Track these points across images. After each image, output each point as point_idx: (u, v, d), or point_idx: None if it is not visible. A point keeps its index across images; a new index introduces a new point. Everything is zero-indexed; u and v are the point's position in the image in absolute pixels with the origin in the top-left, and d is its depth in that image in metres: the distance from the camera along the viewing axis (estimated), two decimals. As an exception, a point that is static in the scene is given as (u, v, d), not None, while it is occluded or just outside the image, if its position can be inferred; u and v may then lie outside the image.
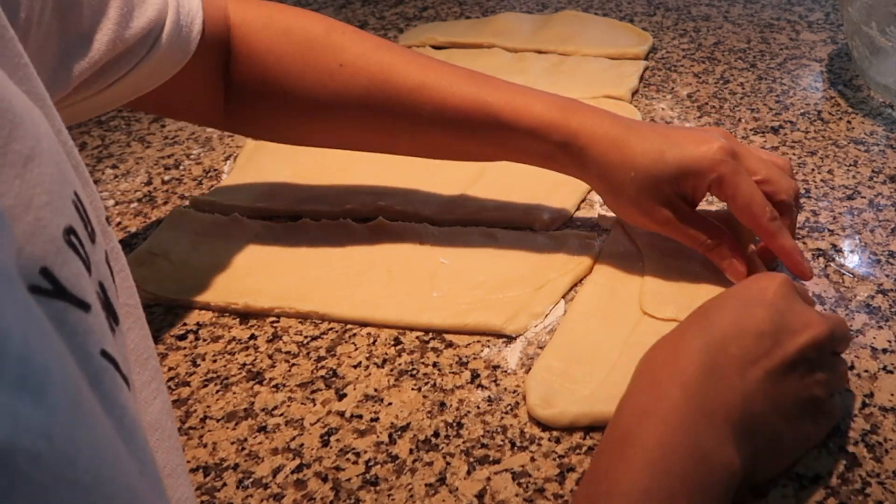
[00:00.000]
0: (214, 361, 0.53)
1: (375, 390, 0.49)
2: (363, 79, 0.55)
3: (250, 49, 0.56)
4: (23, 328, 0.18)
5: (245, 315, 0.56)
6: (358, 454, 0.45)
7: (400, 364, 0.51)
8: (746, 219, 0.51)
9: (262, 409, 0.49)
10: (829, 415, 0.42)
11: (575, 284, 0.56)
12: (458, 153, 0.59)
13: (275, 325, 0.55)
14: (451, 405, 0.48)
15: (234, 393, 0.50)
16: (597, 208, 0.64)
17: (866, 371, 0.48)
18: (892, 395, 0.47)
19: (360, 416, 0.48)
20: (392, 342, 0.53)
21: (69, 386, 0.19)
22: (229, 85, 0.57)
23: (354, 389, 0.50)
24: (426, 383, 0.50)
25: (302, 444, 0.46)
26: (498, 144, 0.56)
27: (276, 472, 0.45)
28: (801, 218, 0.62)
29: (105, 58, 0.46)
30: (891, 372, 0.48)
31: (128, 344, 0.28)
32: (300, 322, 0.55)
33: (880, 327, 0.51)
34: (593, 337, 0.51)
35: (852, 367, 0.49)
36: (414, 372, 0.50)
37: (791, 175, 0.54)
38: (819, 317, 0.41)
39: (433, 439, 0.46)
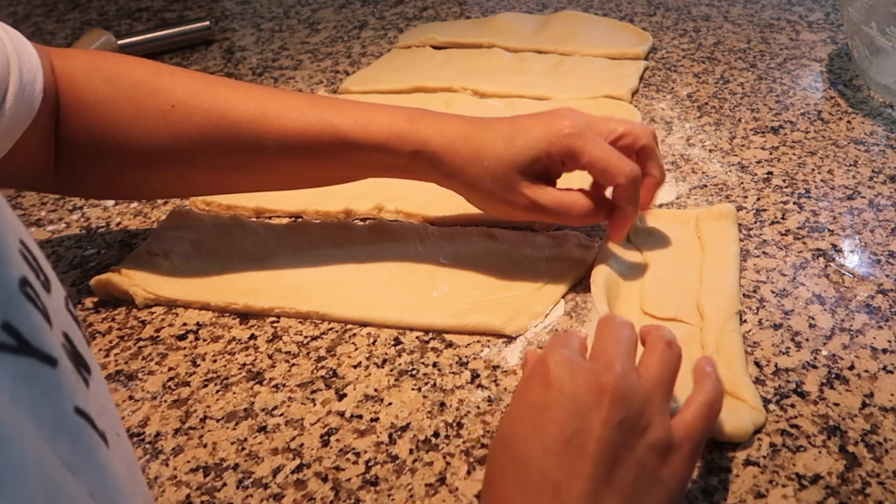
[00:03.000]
0: (214, 361, 0.53)
1: (375, 390, 0.49)
2: (198, 117, 0.54)
3: (77, 100, 0.53)
4: None
5: (245, 315, 0.56)
6: (358, 454, 0.45)
7: (400, 364, 0.51)
8: (605, 179, 0.53)
9: (262, 409, 0.49)
10: (676, 445, 0.37)
11: (575, 284, 0.56)
12: (311, 180, 0.58)
13: (275, 325, 0.55)
14: (451, 405, 0.48)
15: (234, 393, 0.50)
16: (597, 208, 0.64)
17: (866, 371, 0.48)
18: (892, 395, 0.47)
19: (360, 416, 0.48)
20: (392, 342, 0.53)
21: (43, 475, 0.18)
22: (58, 141, 0.54)
23: (354, 389, 0.50)
24: (426, 383, 0.50)
25: (302, 444, 0.46)
26: (350, 164, 0.55)
27: (276, 472, 0.45)
28: (801, 218, 0.62)
29: None
30: (891, 372, 0.48)
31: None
32: (300, 322, 0.55)
33: (880, 327, 0.51)
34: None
35: (852, 367, 0.49)
36: (414, 372, 0.51)
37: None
38: (600, 371, 0.36)
39: (433, 439, 0.46)
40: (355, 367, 0.51)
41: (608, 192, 0.55)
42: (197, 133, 0.54)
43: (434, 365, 0.51)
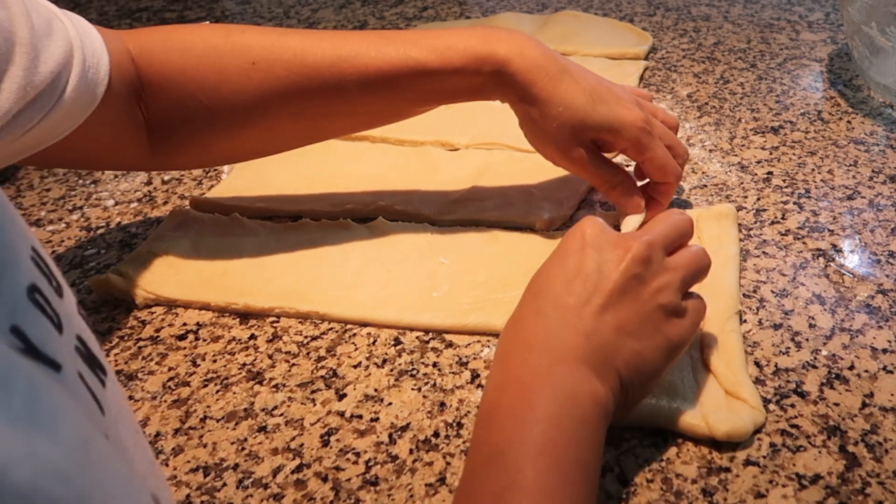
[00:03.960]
0: (214, 361, 0.53)
1: (375, 390, 0.49)
2: (279, 69, 0.55)
3: (158, 75, 0.54)
4: (25, 370, 0.17)
5: (245, 315, 0.56)
6: (358, 454, 0.45)
7: (400, 364, 0.51)
8: (659, 176, 0.57)
9: (262, 409, 0.49)
10: (686, 312, 0.43)
11: (575, 284, 0.56)
12: (392, 115, 0.60)
13: (275, 325, 0.55)
14: (451, 405, 0.48)
15: (234, 393, 0.50)
16: (597, 208, 0.64)
17: (866, 371, 0.48)
18: (892, 395, 0.47)
19: (360, 416, 0.48)
20: (392, 342, 0.53)
21: (78, 424, 0.18)
22: (148, 119, 0.56)
23: (354, 389, 0.50)
24: (426, 383, 0.50)
25: (302, 444, 0.46)
26: (430, 93, 0.57)
27: (276, 472, 0.45)
28: (801, 218, 0.62)
29: (16, 107, 0.43)
30: (891, 372, 0.48)
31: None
32: (300, 322, 0.55)
33: (880, 327, 0.51)
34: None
35: (852, 367, 0.49)
36: (414, 372, 0.50)
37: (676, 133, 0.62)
38: (631, 237, 0.43)
39: (433, 439, 0.46)
40: (355, 367, 0.51)
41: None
42: (281, 85, 0.55)
43: (434, 365, 0.51)
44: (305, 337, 0.54)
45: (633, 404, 0.42)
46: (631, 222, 0.57)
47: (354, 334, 0.54)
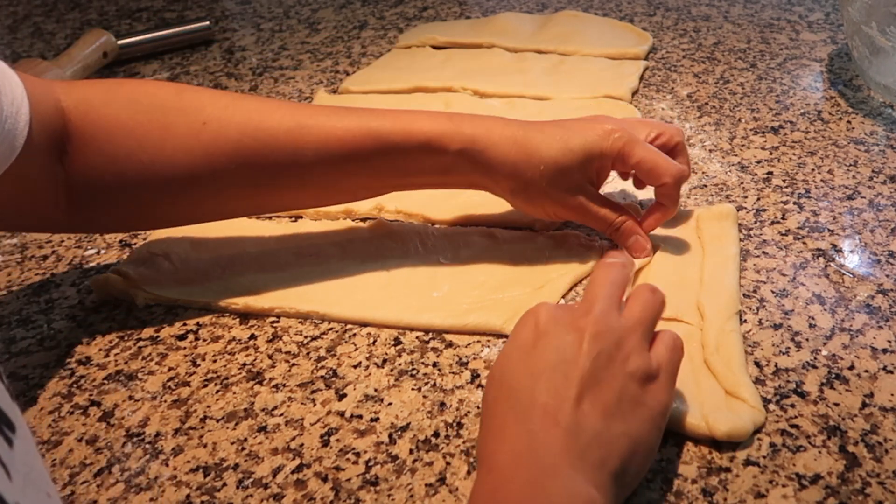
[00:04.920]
0: (214, 361, 0.53)
1: (375, 390, 0.49)
2: (232, 131, 0.51)
3: (96, 127, 0.50)
4: None
5: (245, 315, 0.56)
6: (358, 454, 0.45)
7: (400, 364, 0.51)
8: (653, 180, 0.55)
9: (262, 409, 0.49)
10: (660, 369, 0.41)
11: (575, 284, 0.56)
12: (352, 190, 0.56)
13: (275, 325, 0.55)
14: (451, 405, 0.48)
15: (234, 393, 0.50)
16: (597, 208, 0.64)
17: (866, 371, 0.48)
18: (892, 395, 0.47)
19: (360, 416, 0.48)
20: (392, 342, 0.53)
21: None
22: (71, 176, 0.51)
23: (354, 389, 0.50)
24: (426, 383, 0.50)
25: (302, 444, 0.46)
26: (392, 169, 0.54)
27: (276, 472, 0.45)
28: (801, 218, 0.62)
29: None
30: (891, 372, 0.48)
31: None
32: (300, 322, 0.55)
33: (880, 327, 0.51)
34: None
35: (852, 367, 0.49)
36: (414, 372, 0.50)
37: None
38: (580, 314, 0.41)
39: (433, 439, 0.46)
40: (355, 367, 0.51)
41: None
42: (232, 149, 0.51)
43: (434, 365, 0.51)
44: (305, 337, 0.54)
45: (630, 489, 0.40)
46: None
47: (354, 334, 0.54)
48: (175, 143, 0.51)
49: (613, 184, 0.66)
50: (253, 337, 0.54)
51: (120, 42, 0.96)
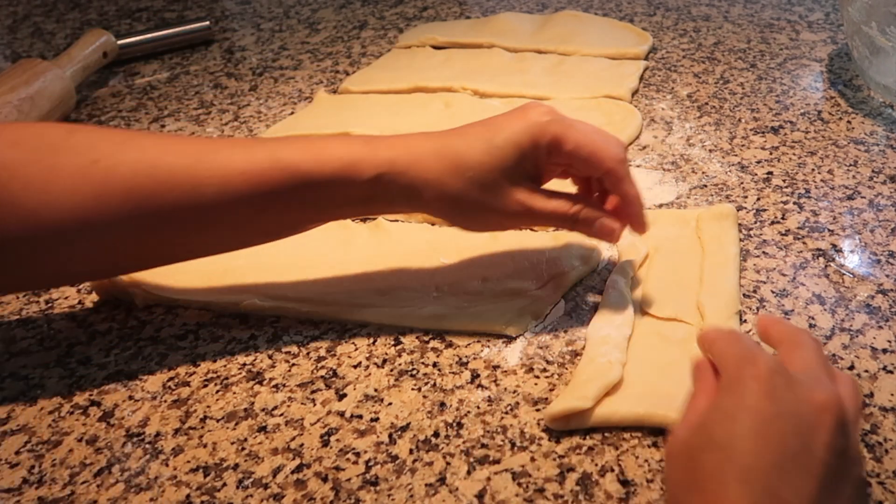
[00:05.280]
0: (214, 361, 0.53)
1: (375, 390, 0.49)
2: (125, 169, 0.46)
3: None
4: None
5: (245, 315, 0.56)
6: (358, 454, 0.45)
7: (400, 364, 0.51)
8: (595, 165, 0.48)
9: (262, 409, 0.49)
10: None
11: (575, 285, 0.56)
12: (259, 231, 0.51)
13: (275, 325, 0.55)
14: (451, 405, 0.48)
15: (234, 393, 0.50)
16: (597, 208, 0.64)
17: (866, 371, 0.48)
18: (892, 395, 0.47)
19: (360, 416, 0.48)
20: (392, 342, 0.53)
21: None
22: None
23: (354, 389, 0.50)
24: (426, 383, 0.50)
25: (302, 444, 0.46)
26: (304, 204, 0.49)
27: (276, 472, 0.45)
28: (801, 218, 0.62)
29: None
30: (891, 372, 0.48)
31: None
32: (300, 322, 0.55)
33: (880, 327, 0.51)
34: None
35: (852, 367, 0.49)
36: (414, 372, 0.50)
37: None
38: (819, 387, 0.36)
39: (433, 439, 0.46)
40: (355, 367, 0.51)
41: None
42: (124, 189, 0.46)
43: (434, 365, 0.51)
44: (305, 337, 0.54)
45: None
46: (634, 249, 0.57)
47: (354, 334, 0.54)
48: (62, 184, 0.46)
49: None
50: (253, 337, 0.54)
51: (120, 42, 0.96)
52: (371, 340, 0.53)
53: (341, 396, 0.49)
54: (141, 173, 0.46)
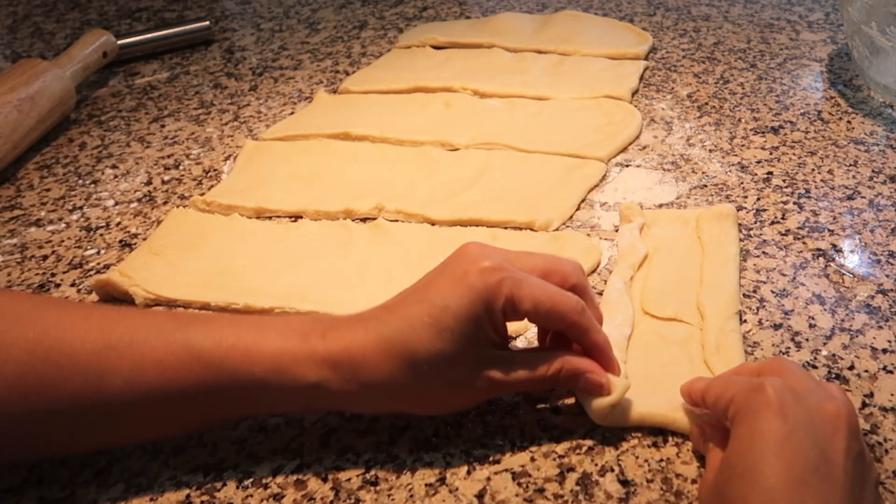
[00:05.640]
0: (214, 361, 0.53)
1: (375, 390, 0.49)
2: (20, 351, 0.40)
3: None
4: None
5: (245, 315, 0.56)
6: (358, 454, 0.45)
7: (400, 364, 0.51)
8: (556, 320, 0.42)
9: (262, 409, 0.49)
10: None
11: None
12: (179, 427, 0.44)
13: (275, 325, 0.55)
14: (451, 405, 0.48)
15: (234, 393, 0.50)
16: (597, 209, 0.64)
17: (866, 371, 0.48)
18: (892, 395, 0.47)
19: (360, 417, 0.47)
20: (392, 342, 0.53)
21: None
22: None
23: (354, 389, 0.49)
24: (426, 383, 0.50)
25: (302, 444, 0.46)
26: (230, 403, 0.42)
27: (276, 472, 0.45)
28: (801, 218, 0.62)
29: None
30: (891, 372, 0.48)
31: None
32: (300, 322, 0.55)
33: (880, 327, 0.51)
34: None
35: (852, 367, 0.49)
36: (414, 372, 0.50)
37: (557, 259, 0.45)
38: (828, 395, 0.37)
39: (433, 439, 0.46)
40: (355, 367, 0.51)
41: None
42: (16, 375, 0.39)
43: (434, 365, 0.51)
44: (305, 337, 0.54)
45: None
46: (634, 249, 0.57)
47: (354, 334, 0.54)
48: None
49: (609, 192, 0.66)
50: (253, 337, 0.54)
51: (120, 42, 0.96)
52: (371, 340, 0.53)
53: (341, 396, 0.49)
54: (37, 357, 0.40)
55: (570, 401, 0.47)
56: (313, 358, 0.41)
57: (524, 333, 0.52)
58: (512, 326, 0.49)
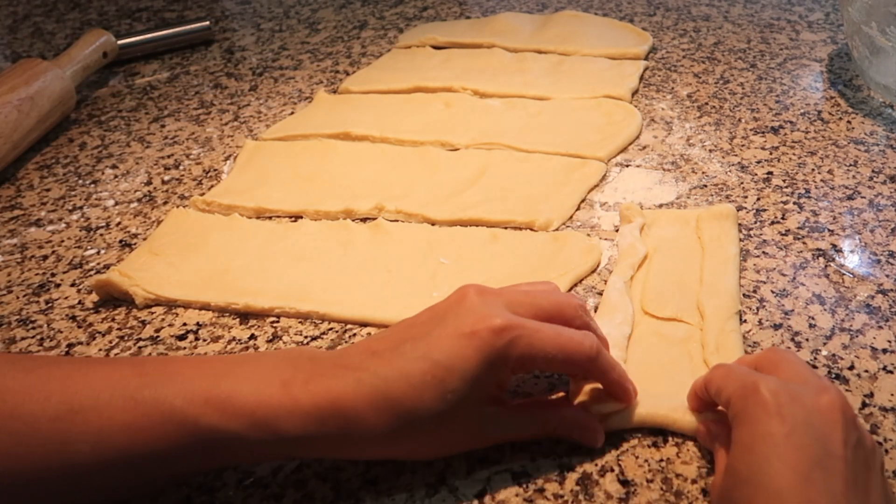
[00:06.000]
0: (214, 361, 0.53)
1: (375, 390, 0.49)
2: None
3: None
4: None
5: (245, 315, 0.56)
6: (358, 454, 0.45)
7: (400, 364, 0.51)
8: (571, 367, 0.42)
9: (262, 409, 0.49)
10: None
11: (575, 284, 0.56)
12: (155, 486, 0.42)
13: (275, 325, 0.55)
14: (451, 405, 0.48)
15: (234, 393, 0.50)
16: (597, 209, 0.64)
17: (866, 371, 0.48)
18: (892, 395, 0.47)
19: (360, 416, 0.47)
20: (392, 342, 0.53)
21: None
22: None
23: (354, 389, 0.49)
24: (426, 383, 0.50)
25: (302, 444, 0.46)
26: (208, 460, 0.39)
27: (276, 472, 0.45)
28: (801, 218, 0.62)
29: None
30: (891, 372, 0.48)
31: None
32: (300, 322, 0.55)
33: (880, 327, 0.51)
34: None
35: (852, 367, 0.49)
36: (414, 372, 0.50)
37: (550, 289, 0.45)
38: (821, 388, 0.37)
39: (433, 439, 0.46)
40: (355, 367, 0.51)
41: None
42: None
43: (434, 365, 0.51)
44: (305, 337, 0.54)
45: None
46: (633, 249, 0.57)
47: (354, 334, 0.54)
48: None
49: (609, 192, 0.66)
50: (253, 337, 0.54)
51: (120, 42, 0.96)
52: (371, 340, 0.53)
53: (341, 396, 0.49)
54: None
55: (570, 401, 0.47)
56: (296, 412, 0.38)
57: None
58: None
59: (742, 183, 0.67)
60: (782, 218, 0.62)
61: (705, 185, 0.67)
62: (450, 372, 0.39)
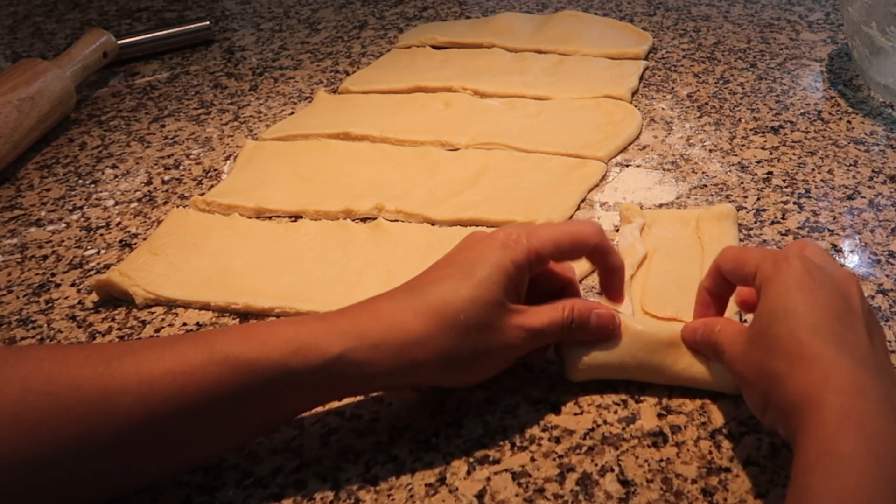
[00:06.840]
0: (214, 361, 0.53)
1: (375, 390, 0.49)
2: (13, 388, 0.37)
3: None
4: None
5: (245, 315, 0.56)
6: (358, 454, 0.45)
7: (400, 364, 0.51)
8: (580, 250, 0.46)
9: (262, 409, 0.49)
10: None
11: (575, 284, 0.56)
12: (190, 443, 0.40)
13: (275, 325, 0.55)
14: (450, 405, 0.48)
15: (234, 393, 0.50)
16: (597, 209, 0.64)
17: (866, 371, 0.48)
18: (892, 395, 0.47)
19: (360, 417, 0.48)
20: (392, 342, 0.53)
21: None
22: None
23: (354, 389, 0.49)
24: (426, 383, 0.50)
25: (302, 444, 0.46)
26: (248, 403, 0.40)
27: (276, 472, 0.45)
28: (801, 218, 0.62)
29: None
30: (891, 372, 0.48)
31: None
32: (300, 322, 0.55)
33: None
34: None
35: (852, 367, 0.49)
36: (414, 372, 0.50)
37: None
38: (837, 263, 0.43)
39: (433, 439, 0.46)
40: (355, 367, 0.51)
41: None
42: (11, 413, 0.36)
43: (434, 365, 0.51)
44: (305, 337, 0.54)
45: None
46: (633, 249, 0.57)
47: (354, 334, 0.54)
48: None
49: (609, 192, 0.66)
50: (253, 337, 0.54)
51: (120, 42, 0.96)
52: (371, 340, 0.53)
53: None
54: (33, 391, 0.37)
55: (571, 402, 0.47)
56: (336, 330, 0.40)
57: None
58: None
59: (742, 183, 0.67)
60: (782, 218, 0.62)
61: (705, 185, 0.67)
62: (476, 263, 0.43)
